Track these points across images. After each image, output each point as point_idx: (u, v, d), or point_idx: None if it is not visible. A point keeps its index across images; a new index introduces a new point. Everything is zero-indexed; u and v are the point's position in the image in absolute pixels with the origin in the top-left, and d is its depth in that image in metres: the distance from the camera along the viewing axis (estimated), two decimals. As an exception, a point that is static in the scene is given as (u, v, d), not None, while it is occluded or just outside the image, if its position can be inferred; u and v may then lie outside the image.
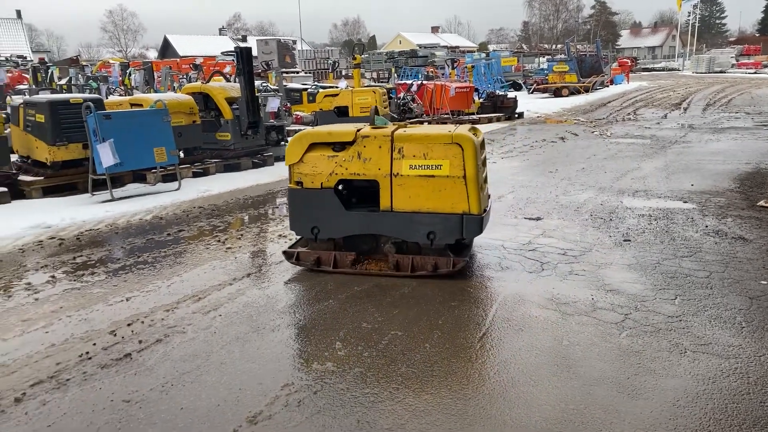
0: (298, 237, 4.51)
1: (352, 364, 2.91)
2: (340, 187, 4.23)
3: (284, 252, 4.40)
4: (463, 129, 4.10)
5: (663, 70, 53.74)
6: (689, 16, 60.23)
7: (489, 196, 4.45)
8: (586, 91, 24.71)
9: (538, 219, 5.56)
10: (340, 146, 4.10)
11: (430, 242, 4.02)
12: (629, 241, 4.80)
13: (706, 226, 5.14)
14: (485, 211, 4.05)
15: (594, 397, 2.58)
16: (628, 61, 40.81)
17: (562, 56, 29.76)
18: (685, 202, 6.08)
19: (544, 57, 37.89)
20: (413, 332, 3.25)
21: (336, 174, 4.11)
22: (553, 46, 62.54)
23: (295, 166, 4.18)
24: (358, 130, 4.10)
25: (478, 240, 4.91)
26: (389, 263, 4.17)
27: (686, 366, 2.81)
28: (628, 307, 3.50)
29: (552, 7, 74.98)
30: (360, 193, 4.36)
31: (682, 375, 2.74)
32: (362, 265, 4.25)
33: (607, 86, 28.79)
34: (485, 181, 4.28)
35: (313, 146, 4.14)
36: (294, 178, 4.20)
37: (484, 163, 4.29)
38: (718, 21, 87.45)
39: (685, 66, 52.87)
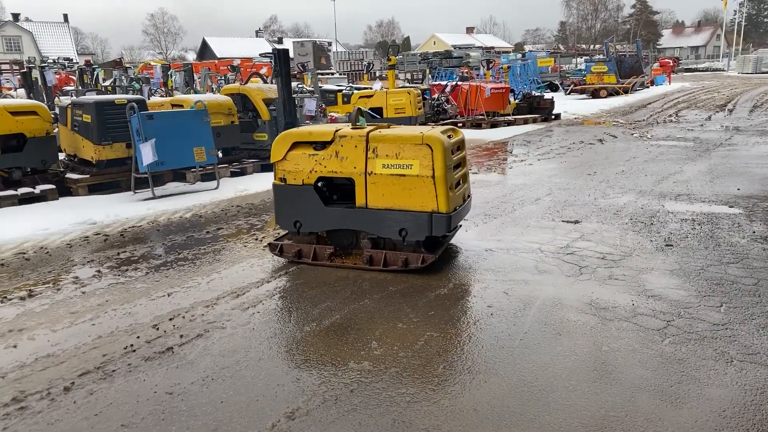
0: (285, 231, 4.70)
1: (388, 363, 2.92)
2: (319, 184, 4.42)
3: (269, 244, 4.64)
4: (436, 130, 4.25)
5: (707, 70, 52.11)
6: (735, 14, 58.18)
7: (469, 196, 4.66)
8: (626, 92, 24.15)
9: (576, 222, 5.47)
10: (320, 145, 4.31)
11: (402, 239, 4.19)
12: (671, 245, 4.67)
13: (754, 232, 4.96)
14: (455, 210, 4.19)
15: (636, 405, 2.52)
16: (670, 61, 39.73)
17: (601, 56, 29.15)
18: (731, 206, 5.88)
19: (581, 57, 37.20)
20: (449, 334, 3.24)
21: (315, 171, 4.32)
22: (591, 47, 61.31)
23: (279, 164, 4.42)
24: (337, 131, 4.30)
25: (514, 243, 4.86)
26: (363, 257, 4.33)
27: (733, 375, 2.73)
28: (671, 313, 3.41)
29: (590, 6, 73.52)
30: (341, 190, 4.53)
31: (728, 384, 2.65)
32: (340, 258, 4.44)
33: (648, 87, 28.08)
34: (464, 180, 4.54)
35: (295, 145, 4.37)
36: (278, 174, 4.43)
37: (463, 164, 4.48)
38: (766, 19, 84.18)
39: (731, 66, 51.12)
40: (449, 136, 4.28)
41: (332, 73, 28.94)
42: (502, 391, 2.66)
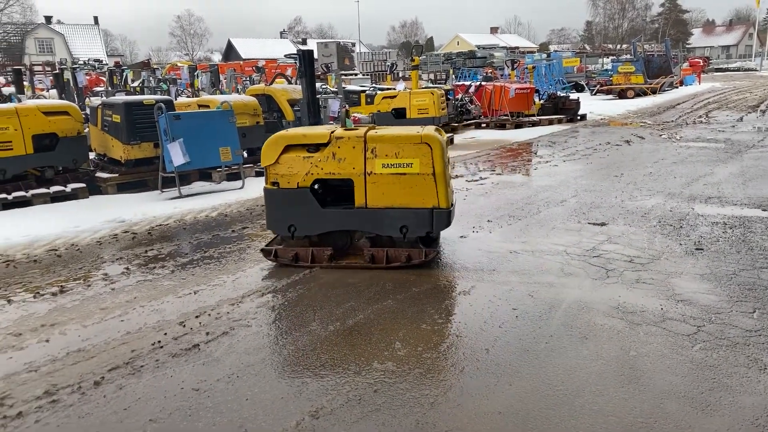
0: (275, 235, 4.69)
1: (412, 364, 2.92)
2: (315, 186, 4.38)
3: (262, 250, 4.59)
4: (430, 129, 4.34)
5: (738, 70, 50.81)
6: (768, 12, 56.62)
7: (453, 192, 4.66)
8: (654, 92, 23.69)
9: (602, 224, 5.38)
10: (314, 147, 4.28)
11: (403, 236, 4.27)
12: (702, 249, 4.57)
13: (788, 236, 4.82)
14: (452, 205, 4.32)
15: (665, 411, 2.47)
16: (700, 61, 38.84)
17: (628, 56, 28.65)
18: (764, 209, 5.72)
19: (608, 57, 36.63)
20: (473, 336, 3.22)
21: (312, 174, 4.29)
22: (618, 46, 60.32)
23: (271, 168, 4.35)
24: (332, 132, 4.30)
25: (539, 245, 4.81)
26: (365, 256, 4.36)
27: (766, 383, 2.65)
28: (702, 318, 3.33)
29: (618, 5, 72.30)
30: (334, 192, 4.50)
31: (762, 392, 2.58)
32: (339, 259, 4.44)
33: (677, 87, 27.51)
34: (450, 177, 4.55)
35: (288, 148, 4.31)
36: (270, 179, 4.38)
37: (448, 162, 4.52)
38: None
39: (763, 66, 49.75)
40: (440, 134, 4.37)
41: (355, 74, 29.03)
42: (528, 395, 2.63)
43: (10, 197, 6.75)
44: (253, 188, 7.59)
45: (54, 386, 2.80)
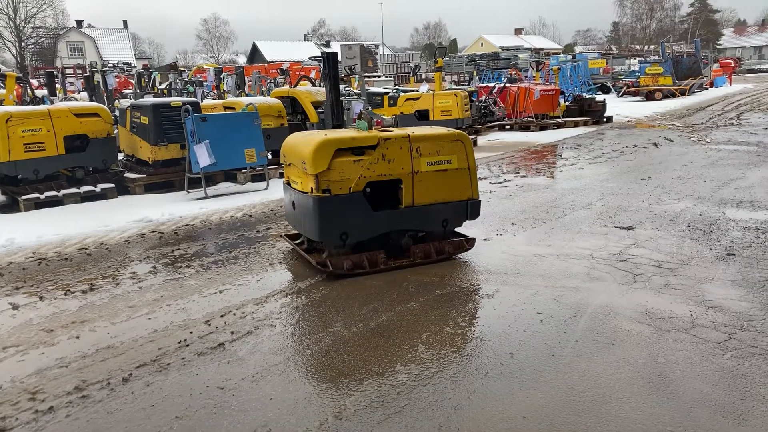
0: (315, 246, 4.61)
1: (435, 367, 2.90)
2: (367, 190, 4.28)
3: (318, 263, 4.30)
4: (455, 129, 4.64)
5: (771, 71, 49.47)
6: (803, 12, 55.04)
7: None
8: (683, 94, 23.22)
9: (629, 228, 5.29)
10: (360, 150, 4.25)
11: (444, 229, 4.56)
12: (733, 255, 4.46)
13: (824, 242, 4.68)
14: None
15: (694, 420, 2.42)
16: (731, 61, 37.94)
17: (656, 57, 28.14)
18: (799, 214, 5.56)
19: (635, 58, 36.02)
20: (497, 339, 3.19)
21: (365, 177, 4.23)
22: (646, 47, 59.27)
23: (322, 175, 4.10)
24: (379, 134, 4.33)
25: (564, 249, 4.75)
26: (413, 254, 4.45)
27: (802, 394, 2.57)
28: (733, 326, 3.25)
29: (646, 5, 71.08)
30: (378, 194, 4.42)
31: (797, 403, 2.51)
32: (391, 260, 4.43)
33: (707, 89, 26.90)
34: None
35: (338, 152, 4.18)
36: (321, 186, 4.10)
37: None
38: (837, 17, 79.16)
39: (797, 66, 48.35)
40: None
41: (378, 76, 29.09)
42: (552, 400, 2.60)
43: (42, 197, 6.94)
44: (278, 189, 7.64)
45: (84, 382, 2.86)
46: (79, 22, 53.47)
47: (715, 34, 73.02)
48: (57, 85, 15.98)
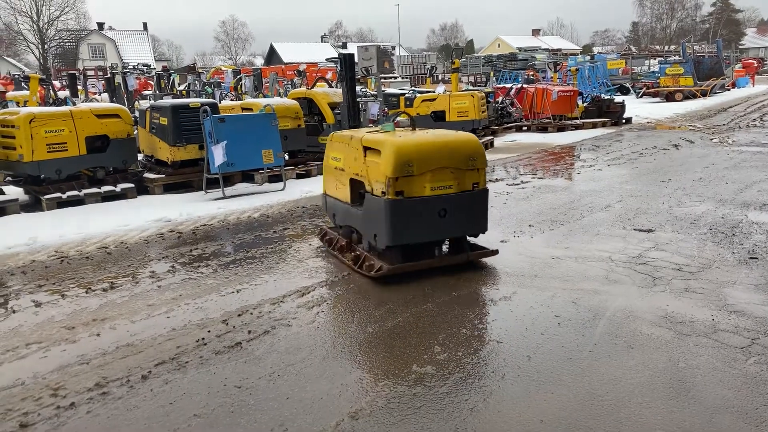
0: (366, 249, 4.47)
1: (451, 369, 2.89)
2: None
3: (390, 269, 4.14)
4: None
5: (795, 71, 48.49)
6: (829, 11, 53.89)
7: None
8: (704, 95, 22.86)
9: (649, 231, 5.22)
10: None
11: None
12: (756, 258, 4.37)
13: None
14: None
15: (716, 426, 2.37)
16: (754, 62, 37.25)
17: (676, 58, 27.74)
18: (825, 218, 5.43)
19: (655, 59, 35.55)
20: (514, 342, 3.17)
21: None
22: (666, 47, 58.46)
23: (402, 178, 3.98)
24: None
25: (582, 251, 4.71)
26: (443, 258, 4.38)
27: (828, 401, 2.51)
28: (756, 331, 3.19)
29: (666, 5, 70.09)
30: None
31: (822, 411, 2.45)
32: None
33: (729, 90, 26.46)
34: None
35: None
36: (397, 188, 4.00)
37: None
38: None
39: (823, 67, 47.37)
40: None
41: (395, 77, 29.10)
42: (570, 404, 2.57)
43: (64, 196, 7.06)
44: (294, 190, 7.70)
45: (104, 379, 2.90)
46: (101, 25, 54.32)
47: (738, 34, 71.78)
48: (79, 87, 16.25)
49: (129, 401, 2.70)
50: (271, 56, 60.44)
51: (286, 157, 8.77)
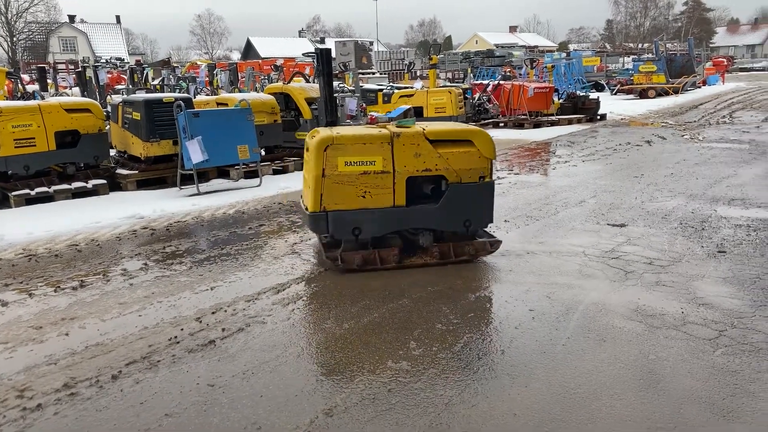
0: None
1: (426, 364, 2.90)
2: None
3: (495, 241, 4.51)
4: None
5: (763, 69, 49.76)
6: (796, 11, 55.39)
7: None
8: (676, 92, 23.31)
9: (622, 226, 5.30)
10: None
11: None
12: (724, 252, 4.47)
13: (815, 240, 4.70)
14: None
15: (684, 417, 2.42)
16: (724, 60, 38.09)
17: (650, 56, 28.24)
18: (790, 212, 5.59)
19: (629, 57, 36.12)
20: (489, 337, 3.19)
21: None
22: (640, 45, 59.45)
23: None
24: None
25: (556, 246, 4.76)
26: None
27: (791, 390, 2.58)
28: (724, 323, 3.26)
29: (640, 4, 71.27)
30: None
31: (786, 400, 2.52)
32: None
33: (700, 87, 27.02)
34: None
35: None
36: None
37: None
38: (829, 16, 79.71)
39: (790, 65, 48.70)
40: None
41: (373, 73, 29.01)
42: (543, 397, 2.60)
43: (32, 193, 6.88)
44: (271, 186, 7.63)
45: (73, 379, 2.84)
46: (72, 17, 53.04)
47: (709, 32, 73.35)
48: (49, 81, 15.84)
49: (98, 402, 2.64)
50: (248, 51, 59.79)
51: (263, 153, 8.69)
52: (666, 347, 3.01)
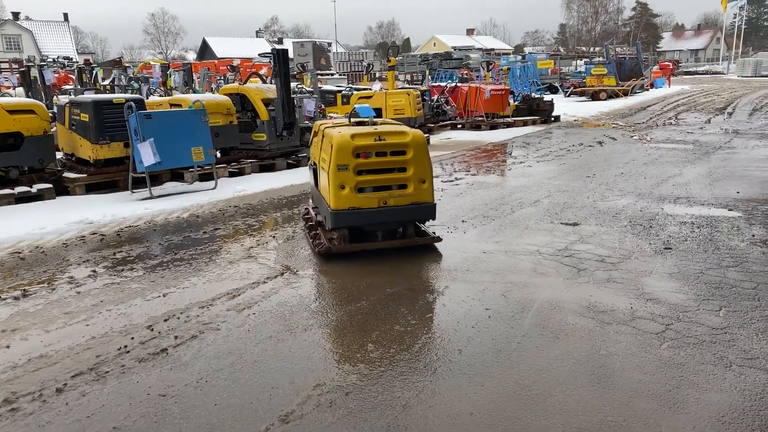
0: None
1: (384, 366, 2.89)
2: None
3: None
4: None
5: (706, 73, 52.19)
6: (735, 17, 58.31)
7: None
8: (625, 94, 24.15)
9: (575, 224, 5.44)
10: None
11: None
12: (670, 249, 4.65)
13: (753, 235, 4.94)
14: None
15: (633, 410, 2.50)
16: (670, 64, 39.72)
17: (601, 59, 29.17)
18: (730, 209, 5.86)
19: (581, 60, 37.21)
20: (446, 337, 3.21)
21: None
22: (591, 49, 61.33)
23: None
24: None
25: (512, 245, 4.84)
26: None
27: (732, 380, 2.70)
28: (670, 317, 3.38)
29: (591, 9, 73.57)
30: None
31: (727, 390, 2.63)
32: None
33: (647, 90, 28.09)
34: None
35: None
36: None
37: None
38: (766, 23, 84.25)
39: (730, 69, 51.20)
40: None
41: (332, 74, 28.88)
42: (499, 395, 2.63)
43: (-29, 198, 6.53)
44: (226, 189, 7.48)
45: (14, 394, 2.70)
46: (16, 15, 50.77)
47: (655, 37, 76.43)
48: (-10, 80, 15.07)
49: (41, 417, 2.52)
50: (204, 51, 58.61)
51: (218, 155, 8.51)
52: (616, 342, 3.09)
